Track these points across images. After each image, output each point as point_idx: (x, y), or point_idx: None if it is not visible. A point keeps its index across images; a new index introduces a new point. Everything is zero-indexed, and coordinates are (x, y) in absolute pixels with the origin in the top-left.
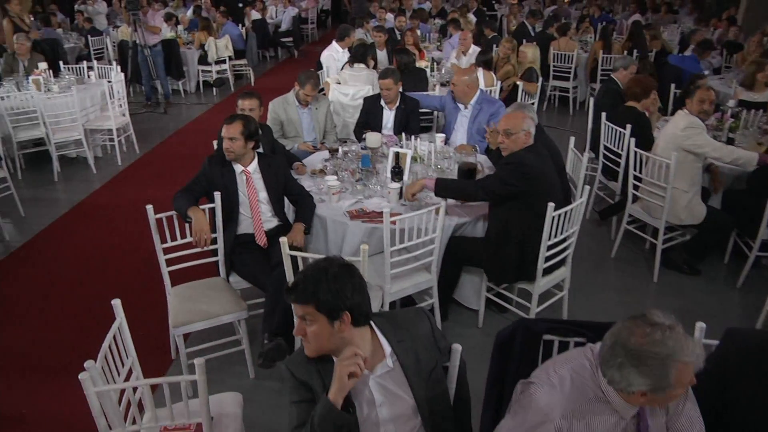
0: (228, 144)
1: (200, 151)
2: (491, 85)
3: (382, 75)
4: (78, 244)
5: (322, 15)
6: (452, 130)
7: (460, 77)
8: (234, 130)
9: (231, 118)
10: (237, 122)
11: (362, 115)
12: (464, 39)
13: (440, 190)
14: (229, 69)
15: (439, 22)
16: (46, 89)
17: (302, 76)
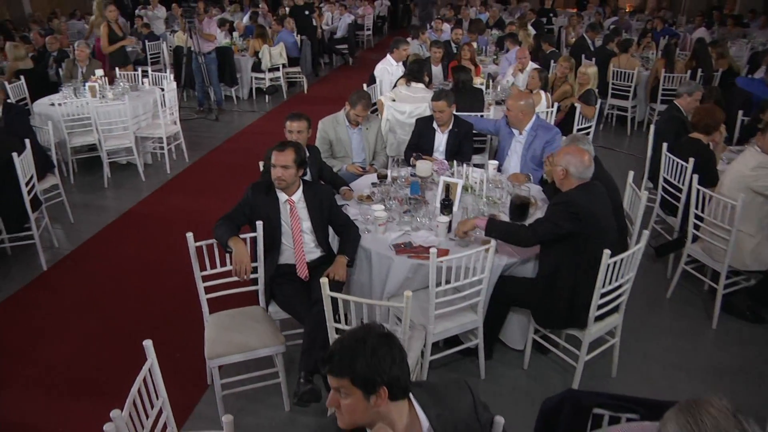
0: (280, 172)
1: (248, 161)
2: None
3: (435, 97)
4: (123, 254)
5: (379, 21)
6: (505, 156)
7: (516, 102)
8: (287, 158)
9: (282, 145)
10: (289, 149)
11: (414, 136)
12: (522, 56)
13: (491, 232)
14: (282, 77)
15: (497, 33)
16: (101, 96)
17: (354, 96)
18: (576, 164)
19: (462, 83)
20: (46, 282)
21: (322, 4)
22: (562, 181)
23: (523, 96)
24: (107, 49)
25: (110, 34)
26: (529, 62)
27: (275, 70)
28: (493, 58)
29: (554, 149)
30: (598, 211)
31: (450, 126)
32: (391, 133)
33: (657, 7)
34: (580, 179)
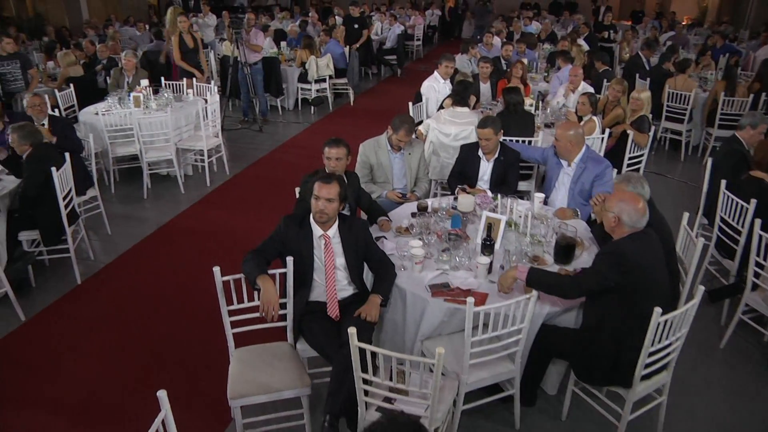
0: (323, 205)
1: (289, 177)
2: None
3: (481, 124)
4: (156, 270)
5: (429, 31)
6: (552, 187)
7: (565, 132)
8: (332, 191)
9: (328, 178)
10: (335, 182)
11: (458, 163)
12: (574, 75)
13: (533, 283)
14: (328, 88)
15: (548, 48)
16: (145, 106)
17: (396, 121)
18: (630, 212)
19: (512, 106)
20: (78, 296)
21: (373, 12)
22: (613, 229)
23: (572, 126)
24: (179, 62)
25: (181, 46)
26: (582, 82)
27: (322, 81)
28: (544, 75)
29: (604, 184)
30: (650, 264)
31: (496, 154)
32: (434, 156)
33: (717, 20)
34: (633, 228)
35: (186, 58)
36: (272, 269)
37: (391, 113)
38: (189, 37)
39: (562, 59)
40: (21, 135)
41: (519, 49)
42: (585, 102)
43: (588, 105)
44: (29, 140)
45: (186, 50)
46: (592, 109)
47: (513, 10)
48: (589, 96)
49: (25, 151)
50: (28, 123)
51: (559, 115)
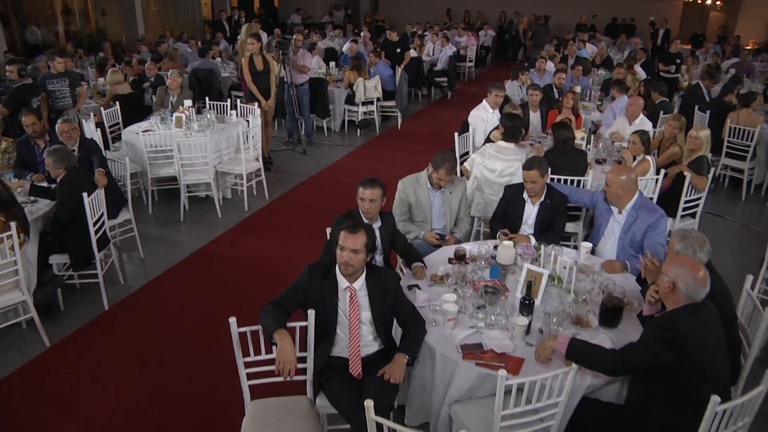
0: (349, 257)
1: (329, 204)
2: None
3: (527, 165)
4: (184, 299)
5: (482, 52)
6: (601, 235)
7: (616, 176)
8: (358, 242)
9: (354, 227)
10: (361, 232)
11: (501, 205)
12: (632, 105)
13: (573, 356)
14: (376, 110)
15: (603, 74)
16: (186, 127)
17: (437, 158)
18: (687, 281)
19: (562, 144)
20: (103, 323)
21: (426, 32)
22: (667, 295)
23: (624, 170)
24: (250, 84)
25: (250, 68)
26: (641, 115)
27: (369, 104)
28: (598, 105)
29: (657, 235)
30: (707, 342)
31: (542, 197)
32: (478, 192)
33: None
34: (690, 299)
35: (256, 81)
36: (293, 321)
37: (439, 137)
38: (260, 59)
39: (617, 89)
40: (55, 159)
41: (574, 75)
42: (636, 141)
43: (639, 144)
44: (63, 164)
45: (254, 73)
46: (644, 148)
47: (568, 31)
48: (641, 134)
49: (59, 174)
50: (62, 146)
51: (612, 151)
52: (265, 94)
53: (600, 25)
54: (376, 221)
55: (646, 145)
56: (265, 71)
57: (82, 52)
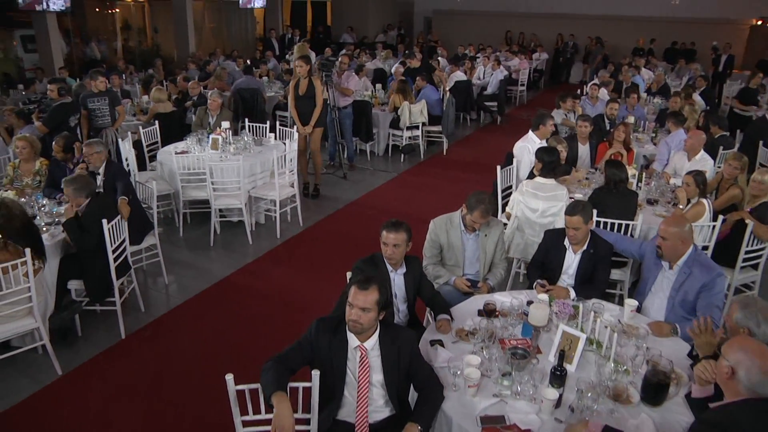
0: (358, 315)
1: (365, 234)
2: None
3: (570, 210)
4: (202, 332)
5: (535, 75)
6: (648, 291)
7: (670, 227)
8: (368, 299)
9: (366, 283)
10: (373, 288)
11: (540, 251)
12: (691, 139)
13: None
14: (421, 135)
15: (659, 103)
16: (222, 149)
17: (472, 199)
18: (751, 371)
19: (614, 184)
20: (118, 353)
21: (479, 54)
22: (725, 382)
23: (681, 220)
24: (291, 108)
25: (294, 91)
26: (701, 151)
27: (414, 128)
28: (652, 137)
29: (713, 297)
30: None
31: (584, 246)
32: (518, 232)
33: None
34: (754, 392)
35: (298, 106)
36: (297, 380)
37: (485, 165)
38: (305, 82)
39: (673, 122)
40: (75, 188)
41: (629, 104)
42: (690, 183)
43: (694, 186)
44: (84, 192)
45: (297, 96)
46: (699, 190)
47: (624, 56)
48: (695, 176)
49: (82, 203)
50: (80, 174)
51: (665, 190)
52: (305, 119)
53: (658, 50)
54: (401, 267)
55: (701, 187)
56: (309, 95)
57: (133, 69)
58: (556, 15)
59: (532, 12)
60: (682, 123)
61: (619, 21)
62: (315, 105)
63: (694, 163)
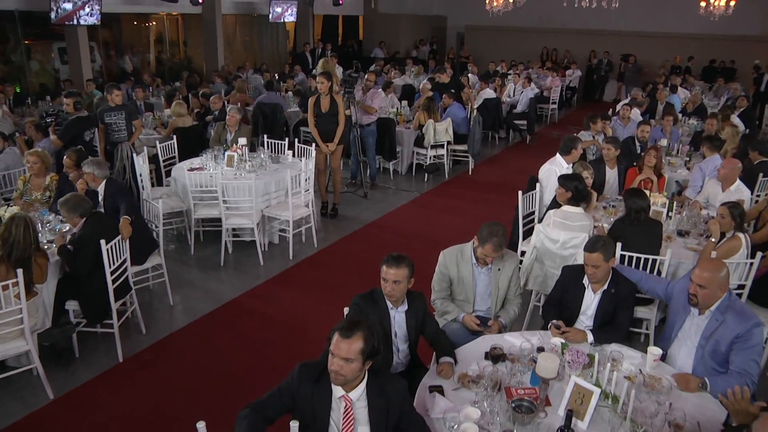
0: (339, 365)
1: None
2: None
3: (590, 246)
4: (202, 358)
5: (568, 92)
6: (674, 338)
7: (707, 273)
8: (353, 350)
9: (349, 330)
10: (357, 337)
11: (557, 289)
12: (725, 168)
13: None
14: (446, 154)
15: (694, 124)
16: (238, 167)
17: (484, 232)
18: None
19: (635, 214)
20: (113, 378)
21: (510, 71)
22: None
23: (719, 265)
24: (311, 126)
25: (315, 108)
26: (737, 180)
27: (439, 147)
28: (686, 161)
29: (748, 350)
30: None
31: (605, 285)
32: (537, 264)
33: None
34: None
35: (318, 123)
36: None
37: (511, 186)
38: (327, 99)
39: (707, 146)
40: (68, 208)
41: (664, 126)
42: (726, 215)
43: (729, 219)
44: (78, 212)
45: (318, 113)
46: (735, 223)
47: (660, 74)
48: (731, 207)
49: (77, 223)
50: (72, 194)
51: (698, 221)
52: (327, 137)
53: (696, 68)
54: (402, 304)
55: (738, 220)
56: (331, 113)
57: (160, 81)
58: (591, 31)
59: (566, 27)
60: (718, 148)
61: (656, 38)
62: (337, 123)
63: (729, 194)
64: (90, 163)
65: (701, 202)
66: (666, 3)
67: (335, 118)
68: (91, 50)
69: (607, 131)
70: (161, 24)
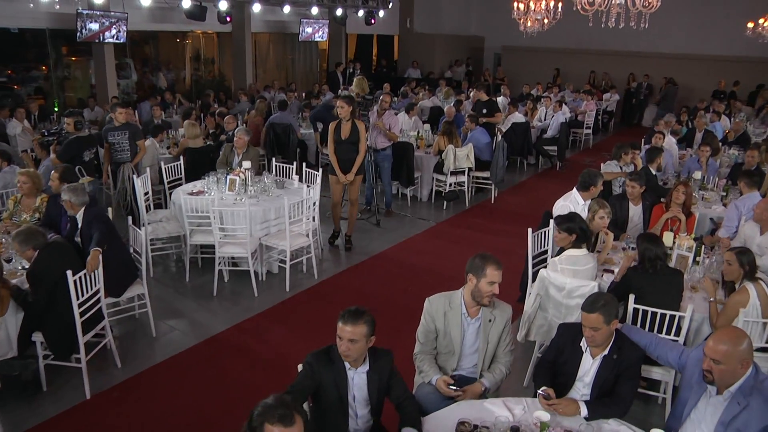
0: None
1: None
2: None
3: (588, 305)
4: (174, 399)
5: (605, 117)
6: (685, 418)
7: (722, 346)
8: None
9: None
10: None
11: (552, 350)
12: (759, 208)
13: None
14: (467, 181)
15: (735, 154)
16: (239, 191)
17: (476, 260)
18: None
19: (649, 263)
20: (79, 415)
21: (545, 94)
22: None
23: (739, 335)
24: (330, 153)
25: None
26: None
27: (460, 174)
28: (722, 196)
29: None
30: None
31: (606, 350)
32: (541, 312)
33: None
34: None
35: (338, 151)
36: None
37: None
38: (348, 125)
39: (744, 182)
40: (20, 241)
41: (701, 156)
42: (732, 261)
43: (737, 266)
44: (30, 244)
45: (338, 140)
46: (742, 272)
47: (701, 99)
48: (739, 254)
49: (30, 257)
50: (27, 226)
51: None
52: (346, 166)
53: (742, 93)
54: (363, 364)
55: (746, 268)
56: (351, 140)
57: (180, 97)
58: (630, 53)
59: (606, 49)
60: (757, 184)
61: (699, 60)
62: (357, 151)
63: None
64: (67, 190)
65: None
66: (711, 24)
67: (356, 147)
68: (127, 67)
69: (637, 163)
70: (198, 42)
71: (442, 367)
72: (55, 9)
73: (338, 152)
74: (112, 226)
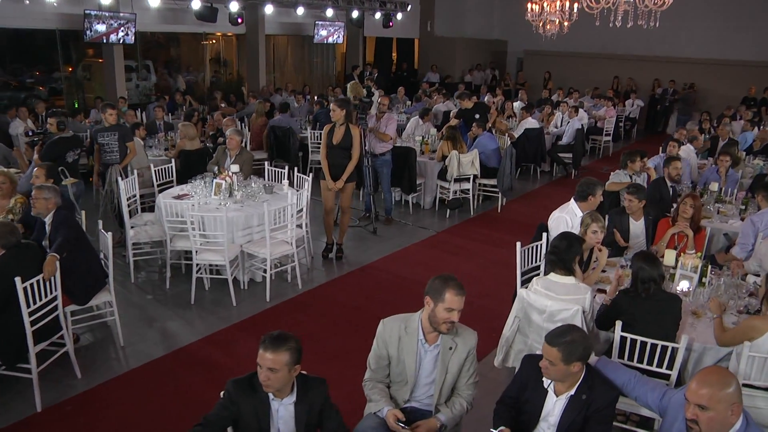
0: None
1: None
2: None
3: (550, 338)
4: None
5: (627, 123)
6: None
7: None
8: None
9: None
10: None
11: (514, 384)
12: None
13: None
14: (472, 189)
15: (760, 164)
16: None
17: (435, 282)
18: None
19: (642, 285)
20: (25, 429)
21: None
22: None
23: (726, 377)
24: (322, 158)
25: (327, 139)
26: None
27: (464, 181)
28: (740, 209)
29: None
30: None
31: (573, 390)
32: (520, 336)
33: None
34: None
35: (329, 156)
36: None
37: None
38: (341, 130)
39: (762, 195)
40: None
41: (720, 165)
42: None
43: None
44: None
45: (329, 145)
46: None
47: (729, 106)
48: None
49: None
50: (4, 222)
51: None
52: (336, 172)
53: None
54: (289, 395)
55: None
56: (342, 146)
57: (190, 98)
58: (656, 58)
59: (630, 54)
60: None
61: (728, 66)
62: (349, 158)
63: None
64: (44, 188)
65: (752, 268)
66: (741, 28)
67: (347, 152)
68: (147, 68)
69: (650, 173)
70: (218, 44)
71: (394, 398)
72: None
73: (329, 157)
74: (81, 231)
